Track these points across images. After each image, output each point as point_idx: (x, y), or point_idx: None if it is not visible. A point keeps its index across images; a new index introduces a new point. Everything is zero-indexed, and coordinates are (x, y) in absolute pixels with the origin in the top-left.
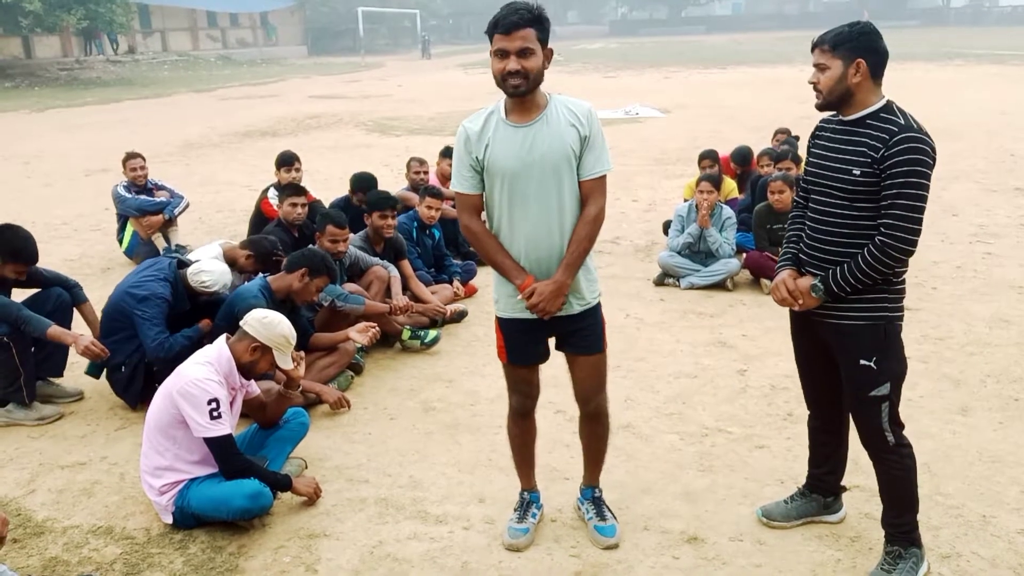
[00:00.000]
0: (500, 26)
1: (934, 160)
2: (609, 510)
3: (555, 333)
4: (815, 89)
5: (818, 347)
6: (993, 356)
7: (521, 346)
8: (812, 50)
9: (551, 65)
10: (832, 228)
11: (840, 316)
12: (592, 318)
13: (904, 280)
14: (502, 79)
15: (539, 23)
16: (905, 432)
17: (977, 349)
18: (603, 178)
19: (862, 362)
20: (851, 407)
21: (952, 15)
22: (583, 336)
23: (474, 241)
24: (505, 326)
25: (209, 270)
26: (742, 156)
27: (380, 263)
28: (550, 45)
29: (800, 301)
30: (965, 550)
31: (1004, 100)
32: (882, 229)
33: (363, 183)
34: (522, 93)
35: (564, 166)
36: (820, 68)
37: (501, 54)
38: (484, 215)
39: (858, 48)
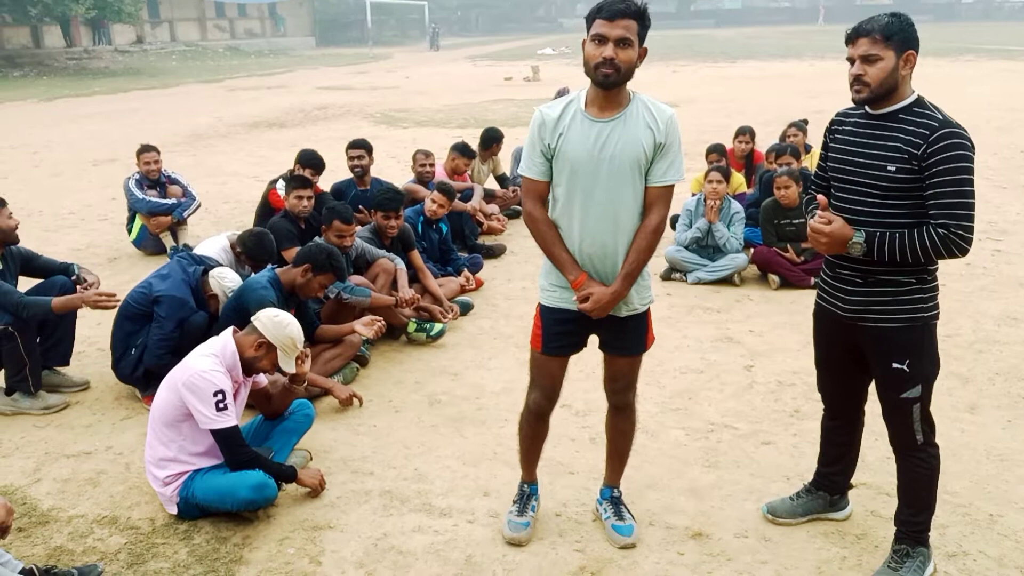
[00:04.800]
0: (604, 11)
1: (974, 154)
2: (628, 510)
3: (597, 332)
4: (860, 82)
5: (846, 350)
6: (1002, 354)
7: (558, 337)
8: (853, 40)
9: (562, 58)
10: (861, 225)
11: (876, 319)
12: (638, 322)
13: (936, 277)
14: (594, 67)
15: (642, 18)
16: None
17: (986, 347)
18: (671, 187)
19: (895, 365)
20: (883, 408)
21: (963, 10)
22: (626, 339)
23: (533, 228)
24: (547, 315)
25: (232, 278)
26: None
27: (387, 255)
28: (643, 44)
29: (827, 237)
30: (972, 549)
31: (1014, 96)
32: (942, 222)
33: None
34: (611, 84)
35: (633, 168)
36: (869, 59)
37: (599, 40)
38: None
39: (909, 39)
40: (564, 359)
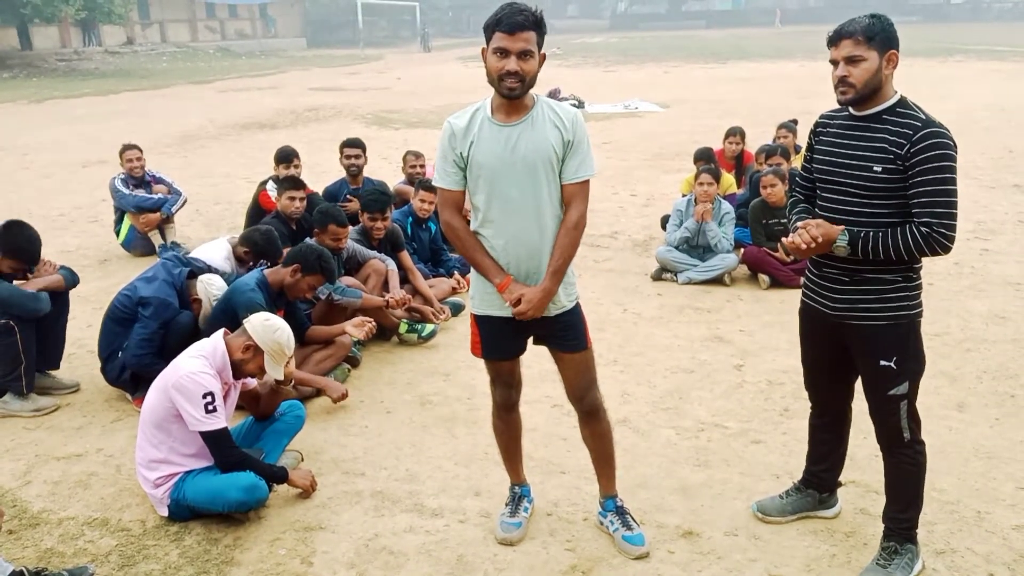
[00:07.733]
0: (503, 24)
1: (956, 154)
2: (633, 519)
3: (532, 333)
4: (845, 83)
5: (832, 348)
6: (989, 352)
7: (496, 342)
8: (836, 42)
9: (552, 58)
10: (848, 225)
11: (862, 318)
12: (570, 318)
13: (920, 275)
14: (499, 79)
15: (540, 27)
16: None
17: (974, 345)
18: (586, 183)
19: (882, 363)
20: (870, 405)
21: (952, 11)
22: (563, 335)
23: (453, 237)
24: (481, 323)
25: (219, 285)
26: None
27: (378, 256)
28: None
29: (815, 243)
30: (960, 546)
31: (1003, 96)
32: (925, 220)
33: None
34: (517, 96)
35: (545, 168)
36: (853, 61)
37: (501, 53)
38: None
39: (891, 39)
40: (512, 360)
